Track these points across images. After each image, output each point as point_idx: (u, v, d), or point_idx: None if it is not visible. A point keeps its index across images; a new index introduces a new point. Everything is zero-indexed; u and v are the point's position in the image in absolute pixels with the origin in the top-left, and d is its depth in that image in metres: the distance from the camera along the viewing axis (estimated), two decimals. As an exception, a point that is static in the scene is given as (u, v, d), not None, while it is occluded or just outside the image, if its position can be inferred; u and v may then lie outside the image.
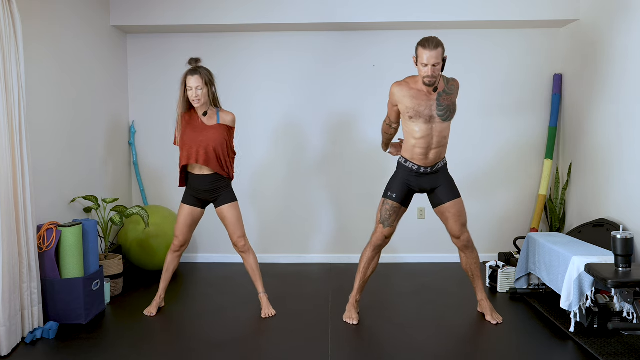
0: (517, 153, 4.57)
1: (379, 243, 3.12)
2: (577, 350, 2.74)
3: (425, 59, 2.77)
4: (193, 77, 3.05)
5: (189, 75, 3.06)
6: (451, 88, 2.98)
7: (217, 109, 3.21)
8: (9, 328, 2.72)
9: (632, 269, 2.67)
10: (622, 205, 3.51)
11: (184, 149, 3.16)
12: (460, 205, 3.07)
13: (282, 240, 4.68)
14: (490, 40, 4.50)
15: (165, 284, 3.38)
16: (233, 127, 3.24)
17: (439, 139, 2.97)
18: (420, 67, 2.83)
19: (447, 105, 2.94)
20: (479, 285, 3.23)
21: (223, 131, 3.16)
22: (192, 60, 3.12)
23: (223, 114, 3.21)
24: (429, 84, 2.86)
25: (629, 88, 3.45)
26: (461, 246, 3.13)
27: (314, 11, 4.21)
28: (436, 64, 2.78)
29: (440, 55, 2.79)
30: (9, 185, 2.73)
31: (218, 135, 3.14)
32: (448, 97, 2.95)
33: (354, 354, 2.71)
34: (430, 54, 2.75)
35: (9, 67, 2.77)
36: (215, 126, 3.16)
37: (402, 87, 2.95)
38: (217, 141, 3.14)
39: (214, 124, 3.16)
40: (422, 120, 2.92)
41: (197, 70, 3.06)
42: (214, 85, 3.16)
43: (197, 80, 3.05)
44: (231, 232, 3.28)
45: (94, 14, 4.01)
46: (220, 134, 3.15)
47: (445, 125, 2.97)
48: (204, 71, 3.08)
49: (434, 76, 2.82)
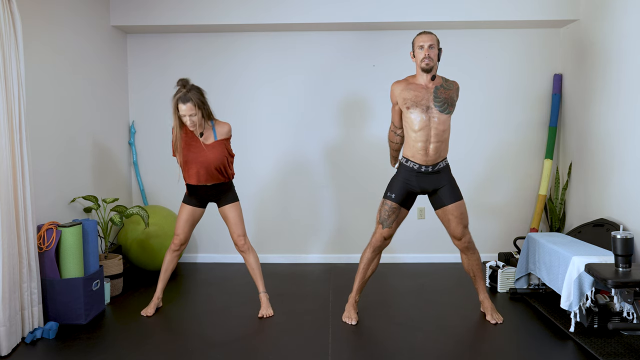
0: (517, 153, 4.57)
1: (378, 244, 3.13)
2: (577, 350, 2.74)
3: (420, 41, 2.96)
4: (185, 105, 2.95)
5: (180, 102, 2.95)
6: (449, 85, 3.05)
7: (212, 123, 3.15)
8: (9, 328, 2.71)
9: (632, 269, 2.67)
10: (622, 205, 3.51)
11: (186, 170, 3.16)
12: (463, 207, 3.07)
13: (282, 240, 4.68)
14: (490, 40, 4.50)
15: (163, 284, 3.38)
16: (230, 136, 3.21)
17: (437, 131, 2.99)
18: (417, 52, 2.98)
19: (445, 98, 3.00)
20: (481, 286, 3.23)
21: (222, 147, 3.14)
22: (181, 84, 3.00)
23: (219, 127, 3.15)
24: (426, 68, 2.95)
25: (629, 88, 3.45)
26: (462, 248, 3.13)
27: (314, 11, 4.21)
28: (432, 46, 2.94)
29: (435, 40, 2.96)
30: (9, 185, 2.73)
31: (218, 154, 3.12)
32: (446, 91, 3.01)
33: (354, 354, 2.71)
34: (425, 37, 2.95)
35: (9, 67, 2.77)
36: (214, 144, 3.12)
37: (400, 83, 3.06)
38: (217, 160, 3.13)
39: (212, 142, 3.13)
40: (420, 109, 2.98)
41: (188, 97, 2.95)
42: (206, 104, 3.07)
43: (189, 109, 2.96)
44: (232, 230, 3.30)
45: (94, 14, 4.01)
46: (220, 151, 3.13)
47: (444, 117, 2.99)
48: (194, 96, 2.97)
49: (430, 58, 2.94)
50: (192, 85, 3.03)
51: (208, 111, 3.10)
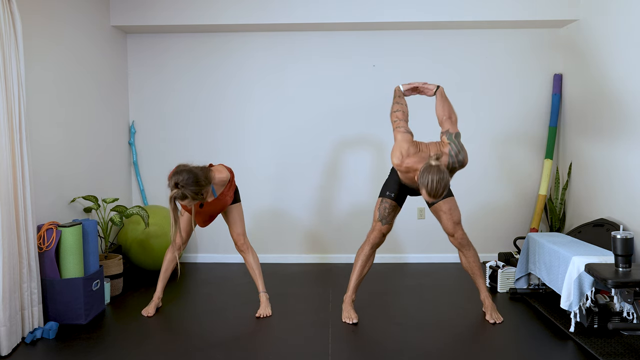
0: (517, 153, 4.57)
1: (377, 241, 3.16)
2: (577, 350, 2.74)
3: (424, 196, 2.71)
4: (184, 201, 2.86)
5: (178, 200, 2.85)
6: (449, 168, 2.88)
7: (210, 185, 3.00)
8: (9, 328, 2.71)
9: (632, 269, 2.67)
10: (622, 205, 3.51)
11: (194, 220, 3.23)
12: (452, 203, 3.10)
13: (282, 240, 4.68)
14: (490, 40, 4.50)
15: (163, 284, 3.38)
16: (229, 180, 3.12)
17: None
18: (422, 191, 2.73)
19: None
20: (481, 285, 3.24)
21: (224, 197, 3.15)
22: (174, 184, 2.81)
23: (217, 185, 3.07)
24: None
25: (629, 88, 3.45)
26: (457, 244, 3.16)
27: (314, 11, 4.21)
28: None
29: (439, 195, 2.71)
30: (9, 185, 2.73)
31: (221, 204, 3.16)
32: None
33: (354, 354, 2.71)
34: (429, 198, 2.68)
35: (9, 67, 2.77)
36: (216, 200, 3.13)
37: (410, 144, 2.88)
38: (221, 209, 3.20)
39: (212, 199, 3.13)
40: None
41: (184, 194, 2.81)
42: (204, 187, 2.87)
43: (188, 202, 2.88)
44: (232, 229, 3.31)
45: (94, 14, 4.01)
46: (222, 202, 3.15)
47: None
48: (189, 191, 2.80)
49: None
50: (185, 179, 2.80)
51: (206, 188, 2.92)
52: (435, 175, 2.61)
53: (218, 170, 3.06)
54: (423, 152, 2.89)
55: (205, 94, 4.60)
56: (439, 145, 2.91)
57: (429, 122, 4.29)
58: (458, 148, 2.86)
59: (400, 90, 3.18)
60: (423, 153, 2.88)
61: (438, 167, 2.63)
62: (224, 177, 3.07)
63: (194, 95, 4.61)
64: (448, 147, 2.87)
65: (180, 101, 4.61)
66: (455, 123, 3.00)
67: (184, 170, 2.83)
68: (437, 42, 4.51)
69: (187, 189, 2.80)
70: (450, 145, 2.87)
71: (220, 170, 3.06)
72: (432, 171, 2.62)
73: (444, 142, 2.91)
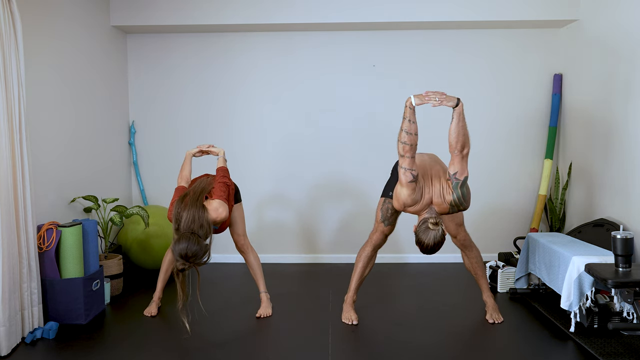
0: (517, 153, 4.57)
1: (379, 242, 3.15)
2: (577, 350, 2.74)
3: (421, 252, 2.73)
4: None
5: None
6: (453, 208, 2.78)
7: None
8: (9, 328, 2.71)
9: (632, 269, 2.67)
10: (622, 205, 3.51)
11: None
12: None
13: (283, 240, 4.67)
14: (490, 40, 4.50)
15: (163, 284, 3.39)
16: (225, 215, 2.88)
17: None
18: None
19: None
20: (483, 285, 3.24)
21: (224, 225, 3.10)
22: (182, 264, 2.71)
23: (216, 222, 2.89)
24: None
25: (629, 88, 3.45)
26: (460, 245, 3.16)
27: (314, 11, 4.21)
28: None
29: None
30: (9, 185, 2.73)
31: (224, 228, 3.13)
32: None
33: (354, 354, 2.71)
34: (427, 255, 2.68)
35: (9, 67, 2.77)
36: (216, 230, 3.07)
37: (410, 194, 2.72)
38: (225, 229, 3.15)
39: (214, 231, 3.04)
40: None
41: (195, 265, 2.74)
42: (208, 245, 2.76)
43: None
44: (232, 230, 3.31)
45: (94, 14, 4.01)
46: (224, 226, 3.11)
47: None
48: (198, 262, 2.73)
49: None
50: (193, 251, 2.67)
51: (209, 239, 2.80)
52: (432, 240, 2.62)
53: (215, 210, 2.80)
54: (425, 198, 2.75)
55: (206, 94, 4.60)
56: (442, 188, 2.75)
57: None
58: (461, 200, 2.70)
59: (412, 104, 2.68)
60: (424, 201, 2.75)
61: (436, 231, 2.62)
62: (224, 217, 2.84)
63: (194, 95, 4.61)
64: (451, 197, 2.70)
65: (180, 101, 4.61)
66: (466, 158, 2.77)
67: (187, 240, 2.65)
68: (437, 42, 4.50)
69: (197, 259, 2.69)
70: (453, 196, 2.70)
71: (216, 210, 2.80)
72: (429, 235, 2.62)
73: (449, 189, 2.72)
